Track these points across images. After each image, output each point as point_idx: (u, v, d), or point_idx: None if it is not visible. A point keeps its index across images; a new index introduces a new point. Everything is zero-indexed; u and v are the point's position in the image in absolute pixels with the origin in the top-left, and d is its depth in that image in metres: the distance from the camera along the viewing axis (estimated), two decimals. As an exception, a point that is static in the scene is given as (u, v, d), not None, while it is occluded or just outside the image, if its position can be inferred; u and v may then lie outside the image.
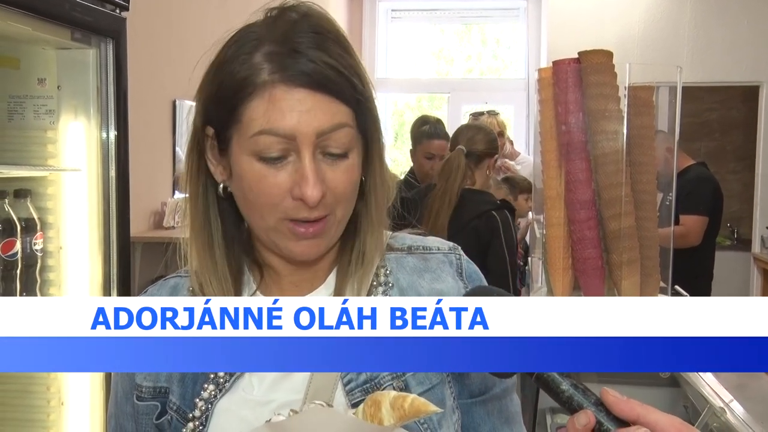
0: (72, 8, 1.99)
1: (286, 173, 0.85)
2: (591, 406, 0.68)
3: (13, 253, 2.01)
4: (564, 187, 1.70)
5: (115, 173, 2.19)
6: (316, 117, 0.84)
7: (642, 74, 1.76)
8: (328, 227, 0.89)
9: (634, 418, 0.67)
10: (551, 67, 1.72)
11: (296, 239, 0.88)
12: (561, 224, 1.72)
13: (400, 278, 0.96)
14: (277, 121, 0.83)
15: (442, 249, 1.01)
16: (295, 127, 0.84)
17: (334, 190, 0.87)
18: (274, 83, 0.84)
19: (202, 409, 0.91)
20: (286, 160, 0.85)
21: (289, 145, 0.84)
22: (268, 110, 0.84)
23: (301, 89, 0.84)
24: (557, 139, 1.71)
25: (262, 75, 0.84)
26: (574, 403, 0.69)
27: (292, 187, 0.85)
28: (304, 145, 0.84)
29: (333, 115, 0.85)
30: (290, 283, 0.96)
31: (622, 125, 1.67)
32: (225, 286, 0.92)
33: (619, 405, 0.67)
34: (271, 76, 0.84)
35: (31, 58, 2.18)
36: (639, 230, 1.70)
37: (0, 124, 2.17)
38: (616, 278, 1.70)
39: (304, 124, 0.84)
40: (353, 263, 0.95)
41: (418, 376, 0.91)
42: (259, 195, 0.86)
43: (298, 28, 0.86)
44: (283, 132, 0.84)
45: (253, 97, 0.84)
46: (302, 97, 0.84)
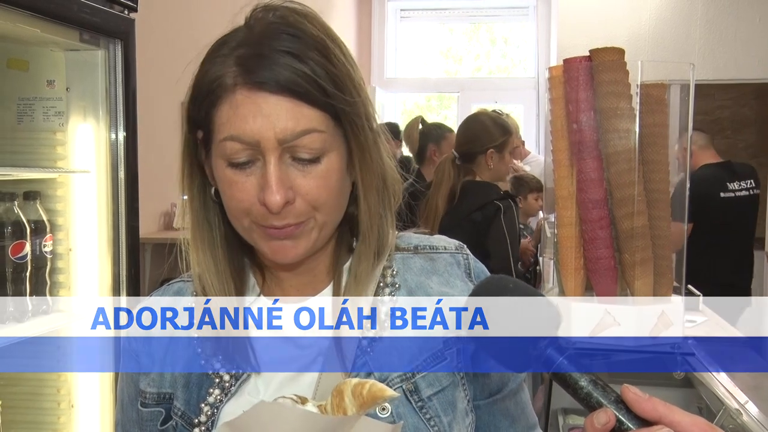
0: (80, 10, 1.99)
1: (254, 179, 0.84)
2: (611, 404, 0.65)
3: (23, 255, 2.00)
4: (575, 187, 1.68)
5: (124, 174, 2.19)
6: (279, 122, 0.82)
7: (654, 72, 1.74)
8: (305, 231, 0.87)
9: (657, 418, 0.63)
10: (562, 65, 1.70)
11: (270, 239, 0.86)
12: (572, 224, 1.70)
13: (407, 279, 0.95)
14: (240, 127, 0.82)
15: (448, 249, 1.00)
16: (258, 133, 0.81)
17: (305, 197, 0.84)
18: (238, 87, 0.82)
19: (207, 414, 0.90)
20: (255, 165, 0.84)
21: (254, 151, 0.83)
22: (232, 116, 0.82)
23: (264, 94, 0.82)
24: (568, 138, 1.68)
25: (228, 79, 0.83)
26: (592, 401, 0.66)
27: (258, 194, 0.84)
28: (269, 151, 0.82)
29: (298, 120, 0.82)
30: (291, 287, 0.95)
31: (635, 123, 1.64)
32: (227, 288, 0.91)
33: (640, 404, 0.64)
34: (235, 79, 0.82)
35: (40, 59, 2.18)
36: (652, 230, 1.67)
37: (9, 126, 2.18)
38: (629, 278, 1.67)
39: (267, 129, 0.81)
40: (353, 268, 0.93)
41: (428, 377, 0.90)
42: (231, 200, 0.85)
43: (274, 31, 0.84)
44: (247, 138, 0.82)
45: (222, 101, 0.83)
46: (264, 102, 0.82)
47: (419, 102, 8.58)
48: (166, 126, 3.76)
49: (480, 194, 2.88)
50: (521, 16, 8.03)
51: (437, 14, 8.25)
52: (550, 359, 0.69)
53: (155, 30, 3.61)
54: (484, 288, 0.77)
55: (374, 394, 0.75)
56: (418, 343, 0.91)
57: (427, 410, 0.88)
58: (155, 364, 0.95)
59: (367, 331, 0.90)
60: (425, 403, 0.89)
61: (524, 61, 8.12)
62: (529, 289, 0.74)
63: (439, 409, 0.89)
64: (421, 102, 8.58)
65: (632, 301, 1.70)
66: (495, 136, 3.06)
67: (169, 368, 0.94)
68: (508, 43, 8.31)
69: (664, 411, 0.64)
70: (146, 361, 0.96)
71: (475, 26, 8.35)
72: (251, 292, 0.95)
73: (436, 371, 0.90)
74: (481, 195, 2.88)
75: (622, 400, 0.65)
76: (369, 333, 0.90)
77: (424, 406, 0.88)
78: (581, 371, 0.68)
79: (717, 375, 2.08)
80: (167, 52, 3.69)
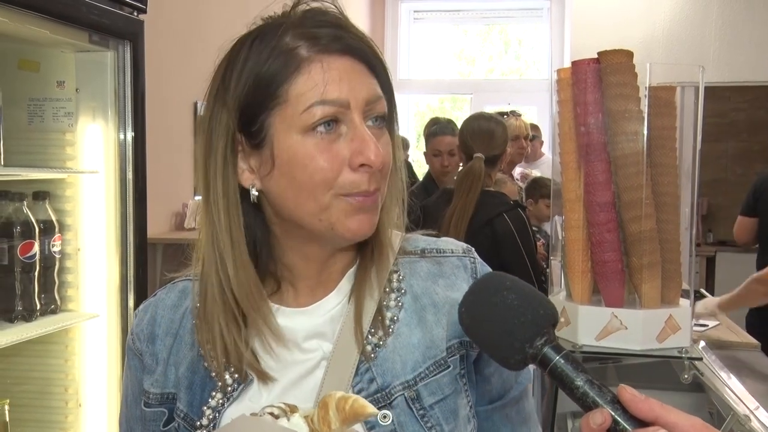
0: (89, 11, 2.00)
1: (341, 144, 0.84)
2: (607, 404, 0.64)
3: (32, 254, 2.02)
4: (583, 189, 1.67)
5: (133, 175, 2.20)
6: (364, 83, 0.85)
7: (665, 74, 1.72)
8: (379, 201, 0.87)
9: (653, 419, 0.62)
10: (570, 67, 1.69)
11: (354, 213, 0.85)
12: (580, 227, 1.69)
13: (413, 284, 0.94)
14: (328, 91, 0.82)
15: (456, 252, 0.98)
16: (348, 93, 0.83)
17: (383, 160, 0.85)
18: (315, 56, 0.83)
19: (209, 417, 0.89)
20: (338, 131, 0.84)
21: (342, 114, 0.83)
22: (319, 82, 0.82)
23: (344, 58, 0.84)
24: (576, 141, 1.67)
25: (301, 52, 0.83)
26: (588, 400, 0.65)
27: (351, 156, 0.83)
28: (357, 111, 0.84)
29: (375, 84, 0.86)
30: (306, 287, 0.93)
31: (643, 126, 1.63)
32: (251, 296, 0.89)
33: (636, 404, 0.63)
34: (310, 50, 0.83)
35: (51, 60, 2.20)
36: (660, 233, 1.66)
37: (20, 126, 2.19)
38: (637, 282, 1.66)
39: (355, 89, 0.83)
40: (360, 271, 0.92)
41: (430, 386, 0.88)
42: (315, 172, 0.83)
43: (315, 11, 0.87)
44: (338, 100, 0.82)
45: (298, 73, 0.83)
46: (348, 65, 0.84)
47: (432, 104, 8.57)
48: (176, 127, 3.78)
49: (489, 206, 2.84)
50: (535, 17, 8.00)
51: (450, 15, 8.23)
52: (546, 358, 0.68)
53: (164, 31, 3.62)
54: (481, 285, 0.76)
55: (356, 410, 0.74)
56: (421, 349, 0.89)
57: (429, 419, 0.87)
58: (159, 364, 0.95)
59: (371, 336, 0.90)
60: (427, 411, 0.87)
61: (538, 63, 8.09)
62: (527, 286, 0.74)
63: (440, 417, 0.88)
64: (433, 104, 8.57)
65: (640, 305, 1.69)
66: (506, 138, 3.03)
67: (173, 369, 0.93)
68: (522, 45, 8.28)
69: (661, 412, 0.62)
70: (150, 361, 0.96)
71: (489, 27, 8.34)
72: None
73: (438, 378, 0.89)
74: (490, 207, 2.83)
75: (619, 401, 0.64)
76: (373, 339, 0.89)
77: (426, 414, 0.87)
78: (577, 370, 0.67)
79: (727, 380, 2.06)
80: (176, 53, 3.70)
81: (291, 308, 0.92)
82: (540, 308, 0.71)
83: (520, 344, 0.69)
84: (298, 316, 0.92)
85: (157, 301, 1.00)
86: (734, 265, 6.38)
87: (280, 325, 0.90)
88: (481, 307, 0.73)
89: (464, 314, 0.74)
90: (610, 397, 0.65)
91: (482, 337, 0.74)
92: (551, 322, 0.71)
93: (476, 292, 0.75)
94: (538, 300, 0.72)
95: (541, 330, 0.69)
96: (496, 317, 0.71)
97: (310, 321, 0.91)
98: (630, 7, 6.37)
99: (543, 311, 0.71)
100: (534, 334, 0.69)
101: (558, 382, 0.68)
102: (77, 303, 2.21)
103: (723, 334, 2.65)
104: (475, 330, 0.74)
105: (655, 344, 1.66)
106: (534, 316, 0.70)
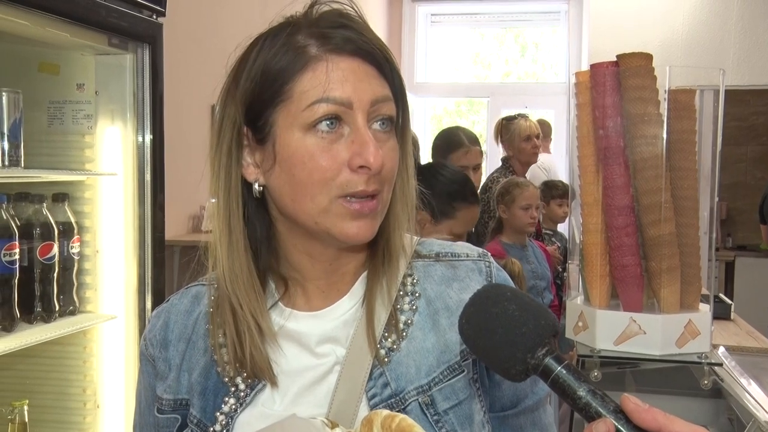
0: (108, 14, 2.01)
1: (342, 145, 0.83)
2: (610, 414, 0.64)
3: (51, 256, 2.03)
4: (601, 193, 1.66)
5: (151, 177, 2.21)
6: (369, 84, 0.84)
7: (685, 77, 1.71)
8: (380, 207, 0.87)
9: (656, 428, 0.62)
10: (588, 70, 1.67)
11: (351, 218, 0.84)
12: (598, 231, 1.68)
13: (427, 288, 0.93)
14: (332, 88, 0.82)
15: (471, 256, 0.97)
16: (352, 92, 0.83)
17: (385, 164, 0.85)
18: (323, 54, 0.84)
19: (222, 423, 0.88)
20: (340, 131, 0.84)
21: (344, 114, 0.83)
22: (323, 80, 0.83)
23: (351, 59, 0.84)
24: (594, 144, 1.66)
25: (310, 50, 0.84)
26: (591, 411, 0.65)
27: (351, 158, 0.83)
28: (360, 112, 0.83)
29: (382, 86, 0.86)
30: (317, 289, 0.93)
31: (662, 129, 1.61)
32: (250, 293, 0.90)
33: (640, 414, 0.62)
34: (319, 49, 0.84)
35: (71, 63, 2.21)
36: (679, 237, 1.64)
37: (40, 129, 2.21)
38: (656, 286, 1.64)
39: (359, 89, 0.83)
40: (373, 275, 0.91)
41: (444, 391, 0.87)
42: (313, 171, 0.83)
43: (331, 13, 0.87)
44: (341, 99, 0.82)
45: (304, 70, 0.83)
46: (353, 66, 0.84)
47: (449, 107, 8.55)
48: (194, 129, 3.80)
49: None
50: (552, 20, 7.96)
51: (468, 19, 8.22)
52: (548, 368, 0.68)
53: (183, 34, 3.64)
54: (482, 296, 0.75)
55: (402, 429, 0.74)
56: (435, 354, 0.89)
57: (443, 424, 0.86)
58: (172, 370, 0.94)
59: (385, 340, 0.89)
60: (441, 416, 0.86)
61: (555, 66, 8.06)
62: (528, 297, 0.74)
63: (455, 423, 0.87)
64: (450, 107, 8.55)
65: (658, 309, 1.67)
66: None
67: (186, 375, 0.93)
68: (539, 48, 8.25)
69: (664, 421, 0.62)
70: (163, 367, 0.95)
71: (506, 31, 8.31)
72: (270, 298, 0.94)
73: (453, 383, 0.88)
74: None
75: (622, 410, 0.64)
76: (387, 343, 0.89)
77: (440, 420, 0.86)
78: (579, 381, 0.66)
79: (748, 386, 2.04)
80: (194, 56, 3.72)
81: (303, 312, 0.92)
82: (541, 319, 0.70)
83: (521, 355, 0.69)
84: (311, 320, 0.91)
85: (170, 306, 1.00)
86: (754, 269, 6.32)
87: (292, 329, 0.91)
88: (482, 317, 0.73)
89: (465, 325, 0.74)
90: (613, 407, 0.65)
91: (483, 348, 0.73)
92: (552, 333, 0.70)
93: (477, 303, 0.74)
94: (539, 310, 0.72)
95: (542, 340, 0.69)
96: (497, 328, 0.71)
97: (323, 325, 0.91)
98: (649, 10, 6.33)
99: (544, 322, 0.70)
100: (535, 345, 0.69)
101: (560, 393, 0.68)
102: (95, 304, 2.23)
103: (743, 340, 2.62)
104: (476, 341, 0.73)
105: (675, 349, 1.64)
106: (535, 327, 0.70)
